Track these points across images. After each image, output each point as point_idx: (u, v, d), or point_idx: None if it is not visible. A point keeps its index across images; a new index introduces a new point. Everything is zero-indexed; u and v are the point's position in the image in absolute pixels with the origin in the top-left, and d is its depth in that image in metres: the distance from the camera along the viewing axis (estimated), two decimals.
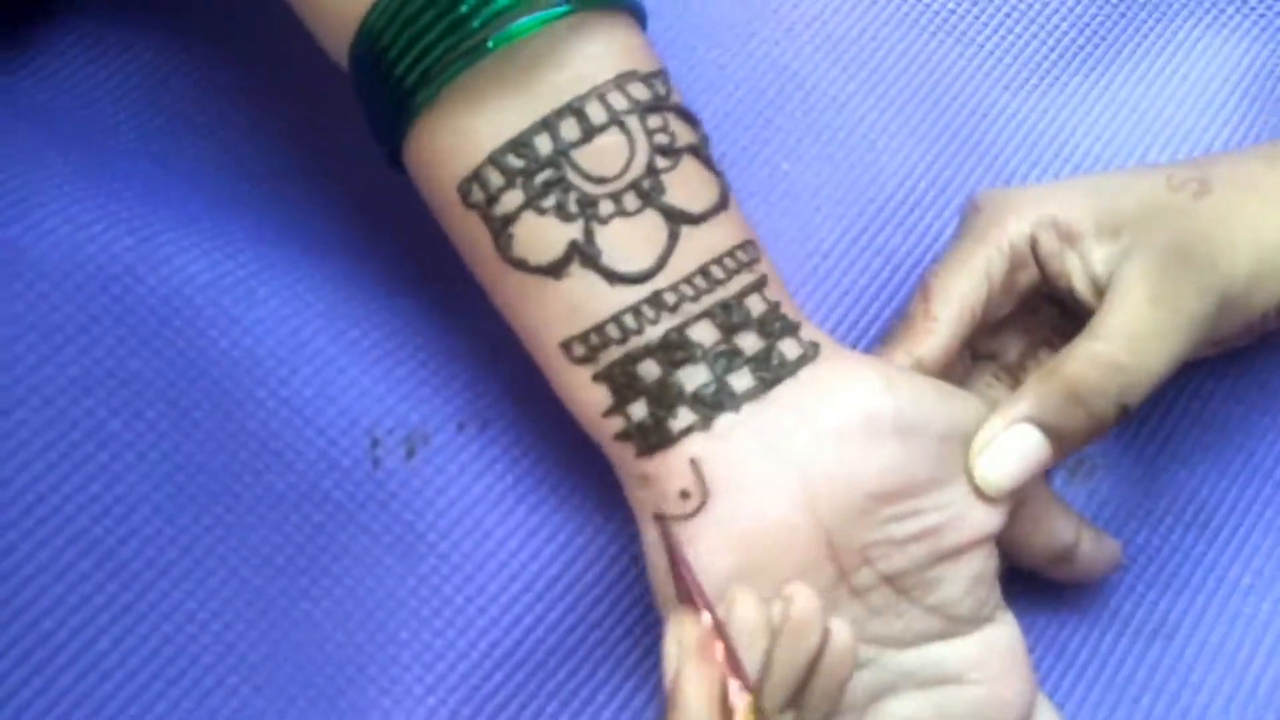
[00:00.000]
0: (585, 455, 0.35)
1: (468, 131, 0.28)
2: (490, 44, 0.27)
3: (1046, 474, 0.34)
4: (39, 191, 0.34)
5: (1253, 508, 0.38)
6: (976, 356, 0.36)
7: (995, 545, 0.31)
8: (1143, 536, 0.38)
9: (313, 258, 0.36)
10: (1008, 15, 0.45)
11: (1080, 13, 0.45)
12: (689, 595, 0.28)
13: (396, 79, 0.28)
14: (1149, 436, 0.39)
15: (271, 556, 0.34)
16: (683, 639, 0.27)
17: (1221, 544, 0.37)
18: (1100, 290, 0.33)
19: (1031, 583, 0.35)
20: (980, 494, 0.30)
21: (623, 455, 0.30)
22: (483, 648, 0.33)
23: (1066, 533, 0.33)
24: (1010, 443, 0.30)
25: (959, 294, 0.34)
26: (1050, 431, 0.30)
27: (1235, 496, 0.38)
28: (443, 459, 0.34)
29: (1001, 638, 0.31)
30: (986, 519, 0.30)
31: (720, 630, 0.26)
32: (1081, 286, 0.34)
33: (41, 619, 0.32)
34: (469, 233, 0.29)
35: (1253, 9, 0.45)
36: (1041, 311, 0.37)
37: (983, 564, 0.30)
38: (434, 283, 0.36)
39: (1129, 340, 0.31)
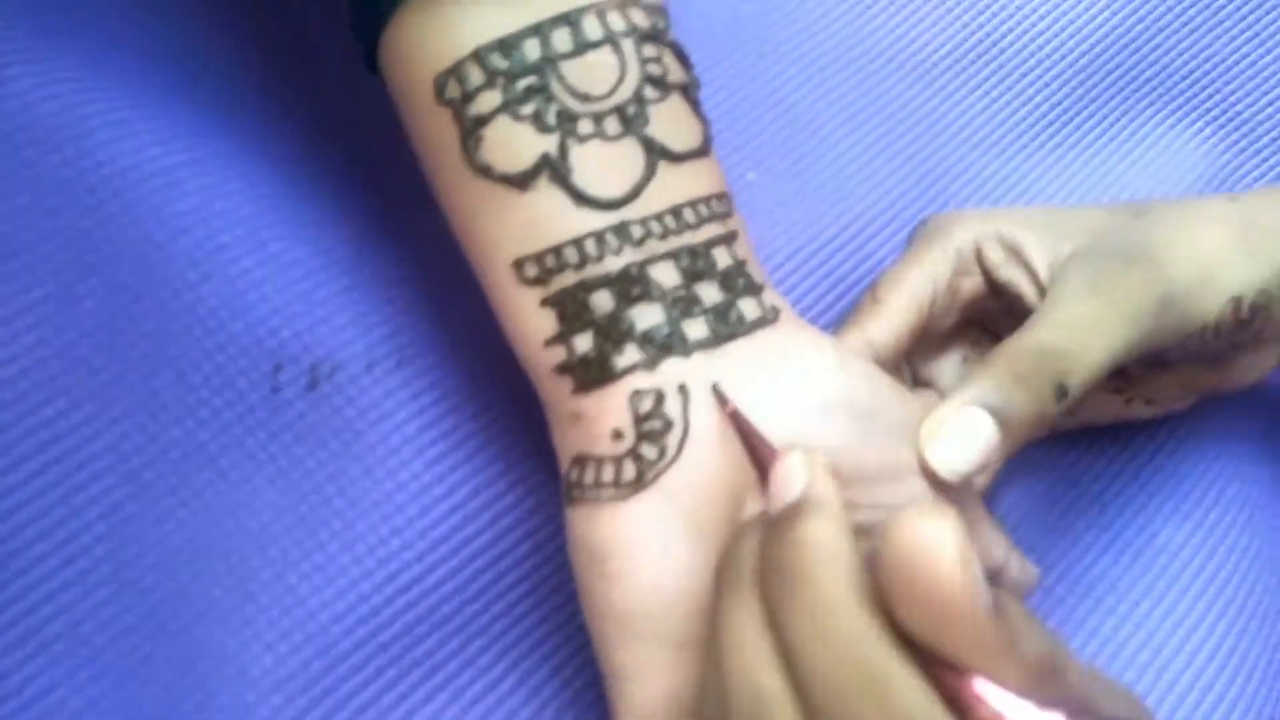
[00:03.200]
0: (497, 415, 0.31)
1: (454, 23, 0.25)
2: None
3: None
4: None
5: (1154, 587, 0.35)
6: (917, 382, 0.34)
7: None
8: (1038, 600, 0.35)
9: (251, 161, 0.32)
10: (986, 79, 0.43)
11: (1055, 89, 0.43)
12: (761, 463, 0.24)
13: None
14: (1047, 508, 0.36)
15: (140, 469, 0.29)
16: (817, 461, 0.23)
17: (1118, 619, 0.35)
18: None
19: None
20: (934, 482, 0.27)
21: (558, 390, 0.26)
22: (350, 599, 0.28)
23: (998, 551, 0.30)
24: (962, 426, 0.27)
25: (905, 285, 0.32)
26: (997, 415, 0.27)
27: (1135, 575, 0.35)
28: (346, 396, 0.30)
29: None
30: None
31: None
32: (1029, 294, 0.32)
33: None
34: (436, 132, 0.26)
35: (1214, 115, 0.43)
36: (982, 344, 0.35)
37: None
38: (374, 212, 0.32)
39: (1066, 327, 0.28)
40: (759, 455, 0.24)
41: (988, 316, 0.34)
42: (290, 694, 0.27)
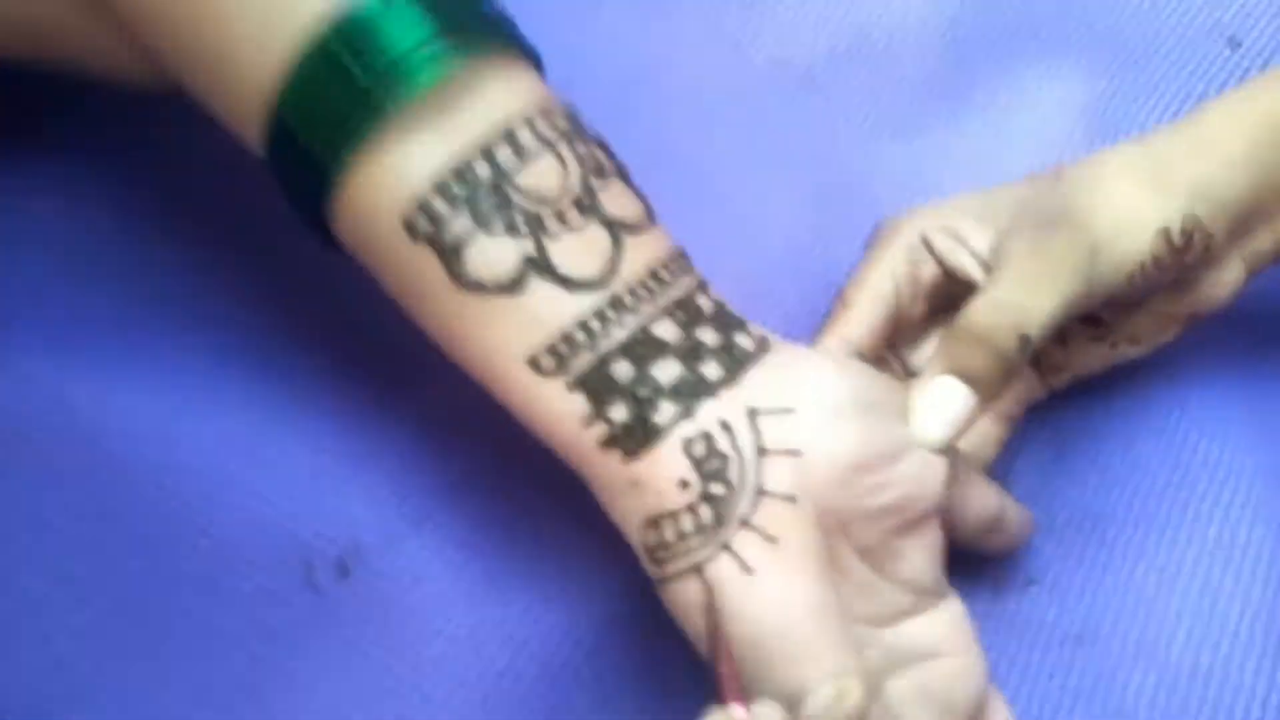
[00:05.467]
0: (523, 545, 0.33)
1: (405, 168, 0.27)
2: (390, 104, 0.27)
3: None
4: None
5: (1146, 512, 0.37)
6: (907, 372, 0.36)
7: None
8: (1050, 548, 0.37)
9: (232, 375, 0.33)
10: (866, 70, 0.44)
11: (932, 65, 0.44)
12: (720, 662, 0.26)
13: (317, 149, 0.27)
14: (1040, 451, 0.38)
15: (211, 694, 0.31)
16: None
17: (1122, 551, 0.36)
18: None
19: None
20: (926, 451, 0.30)
21: (607, 465, 0.28)
22: None
23: (992, 501, 0.33)
24: (935, 395, 0.30)
25: (868, 284, 0.35)
26: (965, 377, 0.30)
27: (1128, 504, 0.37)
28: (377, 571, 0.32)
29: (958, 611, 0.31)
30: (936, 490, 0.30)
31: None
32: (978, 276, 0.34)
33: None
34: (417, 268, 0.27)
35: (1081, 49, 0.44)
36: None
37: (935, 535, 0.30)
38: (348, 388, 0.34)
39: (1015, 282, 0.31)
40: (719, 662, 0.26)
41: (956, 301, 0.35)
42: None
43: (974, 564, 0.34)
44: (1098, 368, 0.38)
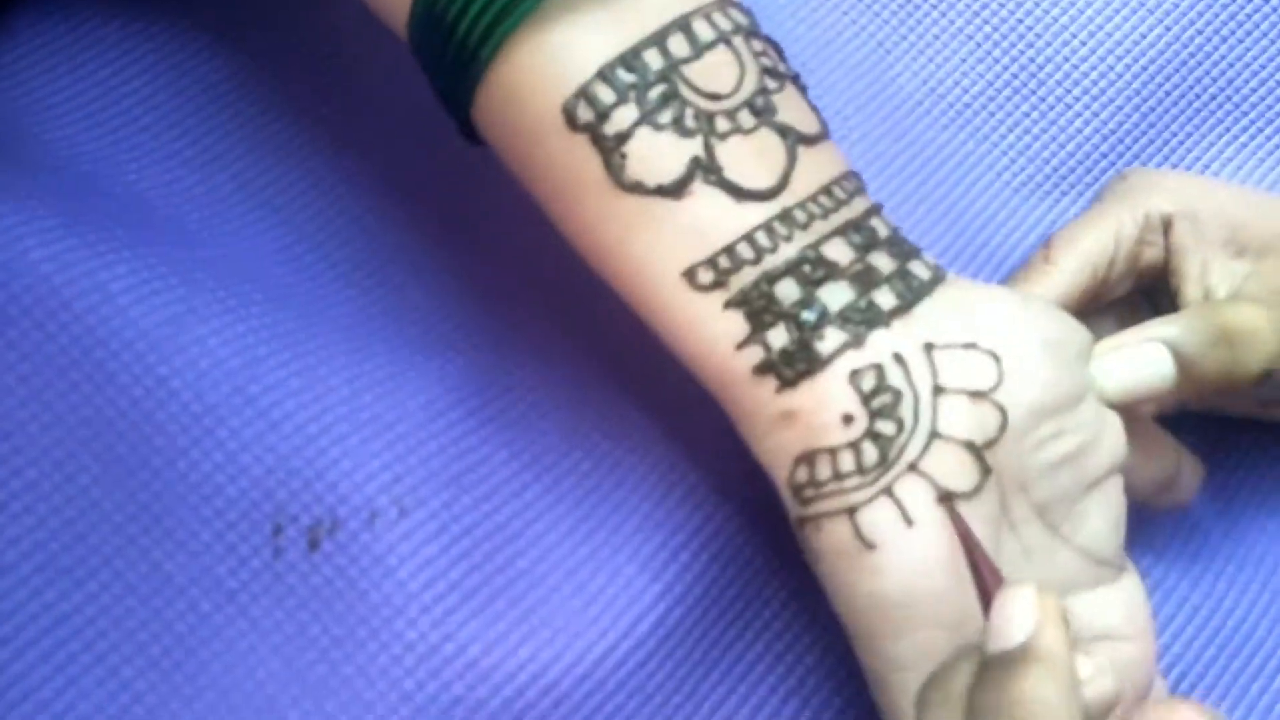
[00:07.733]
0: (523, 560, 0.29)
1: (568, 49, 0.25)
2: None
3: None
4: None
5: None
6: None
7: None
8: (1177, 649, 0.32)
9: (233, 312, 0.30)
10: (1026, 115, 0.38)
11: (1106, 119, 0.38)
12: (985, 588, 0.23)
13: (468, 26, 0.25)
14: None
15: (147, 645, 0.27)
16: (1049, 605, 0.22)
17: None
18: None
19: None
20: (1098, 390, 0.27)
21: (758, 394, 0.25)
22: None
23: (1170, 458, 0.31)
24: (1137, 353, 0.28)
25: (1082, 245, 0.31)
26: (1184, 361, 0.28)
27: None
28: (348, 554, 0.28)
29: (1138, 589, 0.28)
30: (1116, 442, 0.27)
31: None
32: (1190, 290, 0.31)
33: None
34: (573, 160, 0.25)
35: None
36: (1140, 312, 0.33)
37: (1119, 498, 0.28)
38: (367, 340, 0.30)
39: None
40: (983, 579, 0.23)
41: (1154, 287, 0.33)
42: None
43: None
44: (1236, 413, 0.34)
